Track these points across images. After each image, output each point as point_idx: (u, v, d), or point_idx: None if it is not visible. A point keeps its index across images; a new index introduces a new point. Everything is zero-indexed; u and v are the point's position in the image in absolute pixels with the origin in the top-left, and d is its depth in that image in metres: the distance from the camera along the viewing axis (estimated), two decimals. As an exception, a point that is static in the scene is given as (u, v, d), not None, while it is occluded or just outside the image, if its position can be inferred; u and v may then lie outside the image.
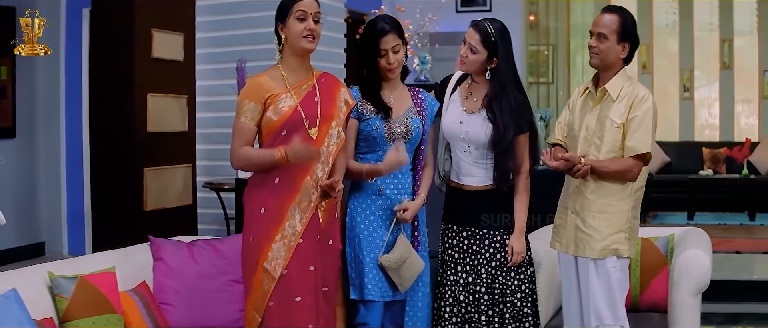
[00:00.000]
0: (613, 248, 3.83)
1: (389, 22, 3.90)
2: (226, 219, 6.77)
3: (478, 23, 3.91)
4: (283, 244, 3.58)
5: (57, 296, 3.52)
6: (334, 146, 3.68)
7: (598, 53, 3.83)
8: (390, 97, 3.96)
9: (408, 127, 3.92)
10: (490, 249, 3.92)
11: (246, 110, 3.67)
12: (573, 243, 3.91)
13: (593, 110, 3.89)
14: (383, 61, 3.87)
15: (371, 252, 3.87)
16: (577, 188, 3.89)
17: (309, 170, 3.63)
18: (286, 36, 3.67)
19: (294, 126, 3.61)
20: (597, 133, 3.83)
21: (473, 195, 3.95)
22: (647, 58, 12.75)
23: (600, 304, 3.82)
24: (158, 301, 3.96)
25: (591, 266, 3.85)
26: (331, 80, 3.81)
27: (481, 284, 3.91)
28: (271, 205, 3.63)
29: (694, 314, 4.21)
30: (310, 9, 3.62)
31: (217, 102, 6.90)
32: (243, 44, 6.88)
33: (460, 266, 3.95)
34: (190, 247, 4.19)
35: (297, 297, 3.58)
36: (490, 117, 3.88)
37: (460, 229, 3.98)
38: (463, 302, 3.92)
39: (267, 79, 3.69)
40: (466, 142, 3.92)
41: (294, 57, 3.70)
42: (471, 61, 3.89)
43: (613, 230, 3.83)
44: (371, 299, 3.85)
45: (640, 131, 3.77)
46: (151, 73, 5.60)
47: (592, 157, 3.82)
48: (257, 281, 3.61)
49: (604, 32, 3.80)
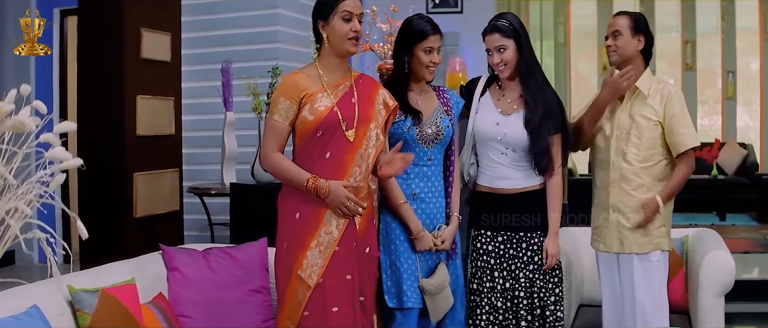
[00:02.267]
0: (657, 241, 3.88)
1: (432, 22, 3.80)
2: (210, 225, 6.55)
3: (491, 26, 3.86)
4: (319, 251, 3.42)
5: (78, 311, 3.28)
6: (373, 149, 3.52)
7: (616, 50, 3.91)
8: (418, 98, 3.87)
9: (439, 127, 3.83)
10: (528, 252, 3.85)
11: (280, 108, 3.47)
12: (617, 241, 3.92)
13: (624, 108, 3.90)
14: (427, 59, 3.76)
15: (408, 258, 3.76)
16: (617, 185, 3.89)
17: (346, 174, 3.46)
18: (328, 35, 3.48)
19: (330, 127, 3.44)
20: (632, 131, 3.87)
21: (508, 199, 3.87)
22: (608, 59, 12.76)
23: (644, 300, 3.85)
24: (176, 313, 3.75)
25: (635, 261, 3.88)
26: (369, 81, 3.65)
27: (519, 288, 3.83)
28: (306, 211, 3.46)
29: (719, 314, 4.21)
30: (356, 9, 3.46)
31: (201, 104, 6.70)
32: (228, 45, 6.68)
33: (497, 271, 3.86)
34: (206, 255, 3.98)
35: (334, 307, 3.42)
36: (527, 117, 3.81)
37: (494, 234, 3.88)
38: (500, 309, 3.84)
39: (303, 76, 3.51)
40: (503, 144, 3.85)
41: (334, 57, 3.53)
42: (508, 59, 3.83)
43: (658, 224, 3.88)
44: (410, 306, 3.73)
45: (685, 126, 3.83)
46: (141, 74, 5.36)
47: (631, 155, 3.86)
48: (291, 291, 3.44)
49: (618, 29, 3.89)
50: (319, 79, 3.51)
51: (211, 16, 6.83)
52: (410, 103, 3.81)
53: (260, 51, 6.64)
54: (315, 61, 3.61)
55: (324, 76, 3.52)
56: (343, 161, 3.47)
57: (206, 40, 6.78)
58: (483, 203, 3.91)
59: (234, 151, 6.40)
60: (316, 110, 3.44)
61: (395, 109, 3.66)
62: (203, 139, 6.72)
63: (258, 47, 6.67)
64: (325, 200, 3.40)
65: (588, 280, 4.68)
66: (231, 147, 6.39)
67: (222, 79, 6.29)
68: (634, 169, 3.86)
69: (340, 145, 3.46)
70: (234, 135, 6.39)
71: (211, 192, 6.30)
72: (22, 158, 1.81)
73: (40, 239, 1.84)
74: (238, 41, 6.72)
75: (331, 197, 3.39)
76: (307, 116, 3.44)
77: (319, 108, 3.44)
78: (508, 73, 3.86)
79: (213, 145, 6.65)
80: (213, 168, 6.76)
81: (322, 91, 3.48)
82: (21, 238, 1.74)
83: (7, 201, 1.74)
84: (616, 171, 3.90)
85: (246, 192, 5.80)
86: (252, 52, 6.63)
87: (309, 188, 3.40)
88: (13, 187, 1.74)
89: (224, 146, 6.36)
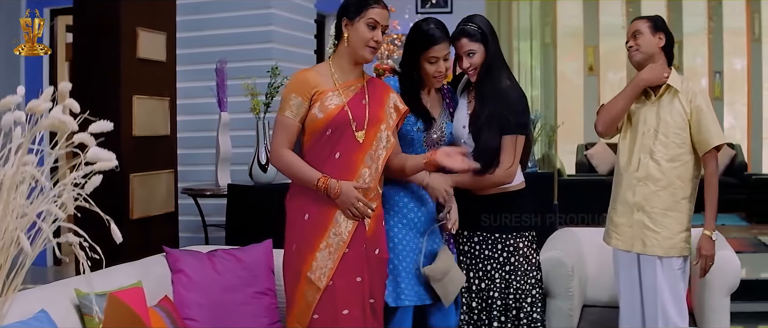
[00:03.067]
0: (681, 246, 3.85)
1: (441, 28, 3.73)
2: (204, 226, 6.48)
3: (460, 30, 3.79)
4: (328, 253, 3.38)
5: (86, 315, 3.24)
6: (383, 151, 3.49)
7: (637, 49, 3.91)
8: (427, 101, 3.83)
9: (443, 132, 3.82)
10: (504, 253, 3.83)
11: (291, 105, 3.44)
12: (639, 241, 3.89)
13: (652, 105, 3.90)
14: (433, 69, 3.70)
15: (407, 256, 3.72)
16: (643, 183, 3.86)
17: (355, 175, 3.42)
18: (349, 35, 3.45)
19: (340, 126, 3.41)
20: (660, 128, 3.85)
21: (483, 200, 3.84)
22: (594, 60, 12.80)
23: (667, 303, 3.82)
24: (182, 316, 3.70)
25: (657, 263, 3.85)
26: (380, 85, 3.63)
27: (494, 289, 3.82)
28: (315, 212, 3.42)
29: (725, 314, 4.20)
30: (383, 20, 3.45)
31: (195, 104, 6.62)
32: (222, 45, 6.62)
33: (473, 271, 3.86)
34: (211, 258, 3.94)
35: (344, 310, 3.39)
36: (472, 117, 3.80)
37: (471, 234, 3.87)
38: (474, 309, 3.84)
39: (315, 74, 3.48)
40: (468, 147, 3.79)
41: (348, 59, 3.50)
42: (477, 63, 3.78)
43: (681, 227, 3.86)
44: (408, 305, 3.70)
45: (711, 124, 3.82)
46: (137, 74, 5.29)
47: (659, 154, 3.84)
48: (300, 293, 3.40)
49: (638, 30, 3.90)
50: (331, 78, 3.48)
51: (205, 16, 6.75)
52: (424, 106, 3.77)
53: (254, 51, 6.57)
54: (328, 59, 3.58)
55: (336, 75, 3.49)
56: (352, 162, 3.44)
57: (200, 39, 6.70)
58: (462, 203, 3.83)
59: (228, 152, 6.34)
60: (327, 108, 3.41)
61: (406, 113, 3.63)
62: (196, 139, 6.64)
63: (252, 47, 6.60)
64: (336, 200, 3.37)
65: (592, 280, 4.67)
66: (225, 148, 6.32)
67: (216, 79, 6.22)
68: (662, 168, 3.84)
69: (350, 146, 3.43)
70: (228, 136, 6.33)
71: (206, 193, 6.23)
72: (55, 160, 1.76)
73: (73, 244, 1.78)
74: (232, 41, 6.64)
75: (342, 197, 3.36)
76: (317, 114, 3.41)
77: (329, 106, 3.41)
78: (478, 76, 3.82)
79: (206, 146, 6.58)
80: (206, 169, 6.69)
81: (334, 90, 3.45)
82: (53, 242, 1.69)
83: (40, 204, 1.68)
84: (643, 169, 3.87)
85: (244, 193, 5.75)
86: (246, 52, 6.56)
87: (319, 187, 3.37)
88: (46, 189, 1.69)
89: (218, 147, 6.30)
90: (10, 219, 1.70)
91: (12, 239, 1.72)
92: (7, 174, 1.72)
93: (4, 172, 1.73)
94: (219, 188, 6.26)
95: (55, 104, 1.91)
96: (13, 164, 1.72)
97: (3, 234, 1.71)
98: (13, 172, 1.70)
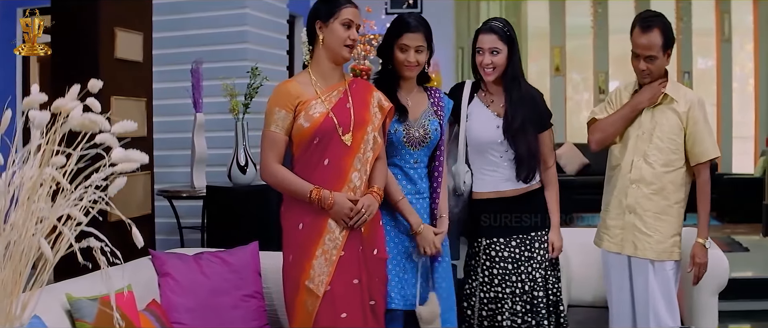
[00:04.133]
0: (672, 250, 3.85)
1: (418, 20, 3.73)
2: (179, 229, 6.41)
3: (489, 27, 3.85)
4: (325, 259, 3.37)
5: (78, 320, 3.18)
6: (371, 152, 3.47)
7: (649, 74, 3.82)
8: (407, 98, 3.79)
9: (426, 130, 3.76)
10: (541, 251, 3.87)
11: (276, 119, 3.43)
12: (631, 244, 3.87)
13: (647, 110, 3.86)
14: (403, 57, 3.68)
15: (393, 259, 3.69)
16: (636, 186, 3.85)
17: (346, 179, 3.41)
18: (325, 37, 3.45)
19: (326, 133, 3.40)
20: (655, 133, 3.82)
21: (516, 200, 3.85)
22: (560, 60, 12.87)
23: (659, 306, 3.81)
24: (171, 320, 3.65)
25: (649, 267, 3.84)
26: (363, 85, 3.61)
27: (538, 289, 3.84)
28: (309, 221, 3.41)
29: (714, 313, 4.23)
30: (356, 19, 3.46)
31: (170, 105, 6.55)
32: (196, 45, 6.55)
33: (516, 276, 3.85)
34: (197, 260, 3.90)
35: (342, 314, 3.38)
36: (504, 126, 3.84)
37: (507, 239, 3.87)
38: (519, 312, 3.83)
39: (296, 84, 3.48)
40: (503, 146, 3.83)
41: (328, 62, 3.50)
42: (498, 63, 3.81)
43: (673, 231, 3.86)
44: (395, 308, 3.67)
45: (707, 137, 3.82)
46: (115, 74, 5.21)
47: (652, 158, 3.83)
48: (300, 303, 3.39)
49: (653, 55, 3.76)
50: (313, 86, 3.48)
51: (180, 16, 6.68)
52: (398, 100, 3.74)
53: (229, 52, 6.52)
54: (307, 68, 3.58)
55: (317, 82, 3.49)
56: (342, 167, 3.43)
57: (174, 40, 6.63)
58: (487, 209, 3.87)
59: (204, 154, 6.28)
60: (312, 117, 3.40)
61: (391, 111, 3.61)
62: (171, 141, 6.56)
63: (226, 48, 6.54)
64: (330, 211, 3.36)
65: (576, 280, 4.68)
66: (200, 149, 6.26)
67: (192, 80, 6.16)
68: (656, 172, 3.82)
69: (338, 151, 3.42)
70: (204, 137, 6.27)
71: (182, 195, 6.17)
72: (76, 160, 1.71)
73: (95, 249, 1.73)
74: (207, 42, 6.58)
75: (336, 208, 3.36)
76: (303, 124, 3.40)
77: (314, 115, 3.40)
78: (494, 78, 3.84)
79: (181, 147, 6.51)
80: (181, 171, 6.62)
81: (316, 98, 3.45)
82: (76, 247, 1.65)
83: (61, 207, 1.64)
84: (637, 172, 3.85)
85: (223, 195, 5.70)
86: (220, 53, 6.50)
87: (313, 199, 3.36)
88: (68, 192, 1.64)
89: (194, 148, 6.24)
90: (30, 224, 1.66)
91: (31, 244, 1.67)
92: (26, 176, 1.67)
93: (22, 173, 1.68)
94: (194, 190, 6.20)
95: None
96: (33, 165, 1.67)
97: (22, 239, 1.66)
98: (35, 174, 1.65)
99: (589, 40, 12.89)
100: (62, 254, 1.73)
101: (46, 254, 1.64)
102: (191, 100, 6.20)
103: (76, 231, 1.71)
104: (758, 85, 12.38)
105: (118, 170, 1.73)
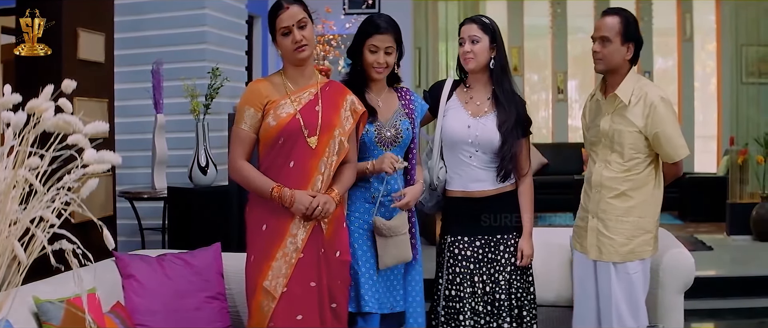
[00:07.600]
0: (638, 251, 3.80)
1: (388, 22, 3.76)
2: (140, 230, 6.38)
3: (470, 17, 3.92)
4: (285, 261, 3.40)
5: (45, 323, 3.17)
6: (335, 156, 3.50)
7: (602, 58, 3.74)
8: (377, 99, 3.83)
9: (398, 130, 3.79)
10: (505, 255, 3.88)
11: (245, 117, 3.49)
12: (595, 248, 3.86)
13: (606, 116, 3.82)
14: (372, 58, 3.72)
15: (366, 262, 3.71)
16: (597, 191, 3.85)
17: (310, 182, 3.44)
18: (279, 51, 3.54)
19: (292, 134, 3.44)
20: (615, 139, 3.78)
21: (483, 202, 3.88)
22: (518, 60, 12.95)
23: (622, 308, 3.79)
24: (135, 322, 3.65)
25: (612, 269, 3.81)
26: (337, 88, 3.64)
27: (500, 291, 3.84)
28: (272, 223, 3.45)
29: (680, 312, 4.22)
30: (291, 20, 3.47)
31: (130, 106, 6.51)
32: (156, 46, 6.53)
33: (477, 276, 3.86)
34: (161, 262, 3.90)
35: (298, 315, 3.40)
36: (501, 119, 3.84)
37: (471, 239, 3.88)
38: (481, 313, 3.84)
39: (267, 84, 3.53)
40: (473, 147, 3.85)
41: (292, 66, 3.56)
42: (478, 52, 3.83)
43: (640, 232, 3.80)
44: (369, 311, 3.67)
45: (675, 139, 3.76)
46: (78, 75, 5.16)
47: (614, 164, 3.80)
48: (257, 304, 3.42)
49: (607, 35, 3.71)
50: (284, 87, 3.53)
51: (139, 17, 6.65)
52: (367, 101, 3.76)
53: (188, 52, 6.50)
54: (281, 69, 3.63)
55: (288, 83, 3.54)
56: (306, 169, 3.46)
57: (134, 40, 6.59)
58: (457, 207, 3.91)
59: (164, 155, 6.27)
60: (279, 116, 3.45)
61: (364, 115, 3.64)
62: (131, 142, 6.53)
63: (186, 48, 6.52)
64: (291, 208, 3.39)
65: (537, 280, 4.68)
66: (161, 150, 6.25)
67: (152, 81, 6.14)
68: (617, 177, 3.78)
69: (303, 153, 3.45)
70: (164, 138, 6.25)
71: (143, 196, 6.15)
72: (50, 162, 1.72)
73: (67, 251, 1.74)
74: (166, 42, 6.55)
75: (296, 205, 3.39)
76: (270, 122, 3.45)
77: (281, 115, 3.45)
78: (474, 66, 3.86)
79: (141, 148, 6.48)
80: (141, 172, 6.59)
81: (285, 98, 3.49)
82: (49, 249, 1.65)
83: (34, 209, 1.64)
84: (597, 177, 3.84)
85: (184, 196, 5.68)
86: (180, 53, 6.48)
87: (274, 196, 3.40)
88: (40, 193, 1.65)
89: (155, 150, 6.22)
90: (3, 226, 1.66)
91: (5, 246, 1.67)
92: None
93: (-5, 176, 1.68)
94: (155, 191, 6.18)
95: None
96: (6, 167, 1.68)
97: (-4, 242, 1.67)
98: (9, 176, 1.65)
99: (547, 41, 13.03)
100: (35, 256, 1.73)
101: (19, 257, 1.64)
102: (152, 101, 6.18)
103: (48, 233, 1.71)
104: (721, 85, 12.52)
105: (90, 172, 1.73)
